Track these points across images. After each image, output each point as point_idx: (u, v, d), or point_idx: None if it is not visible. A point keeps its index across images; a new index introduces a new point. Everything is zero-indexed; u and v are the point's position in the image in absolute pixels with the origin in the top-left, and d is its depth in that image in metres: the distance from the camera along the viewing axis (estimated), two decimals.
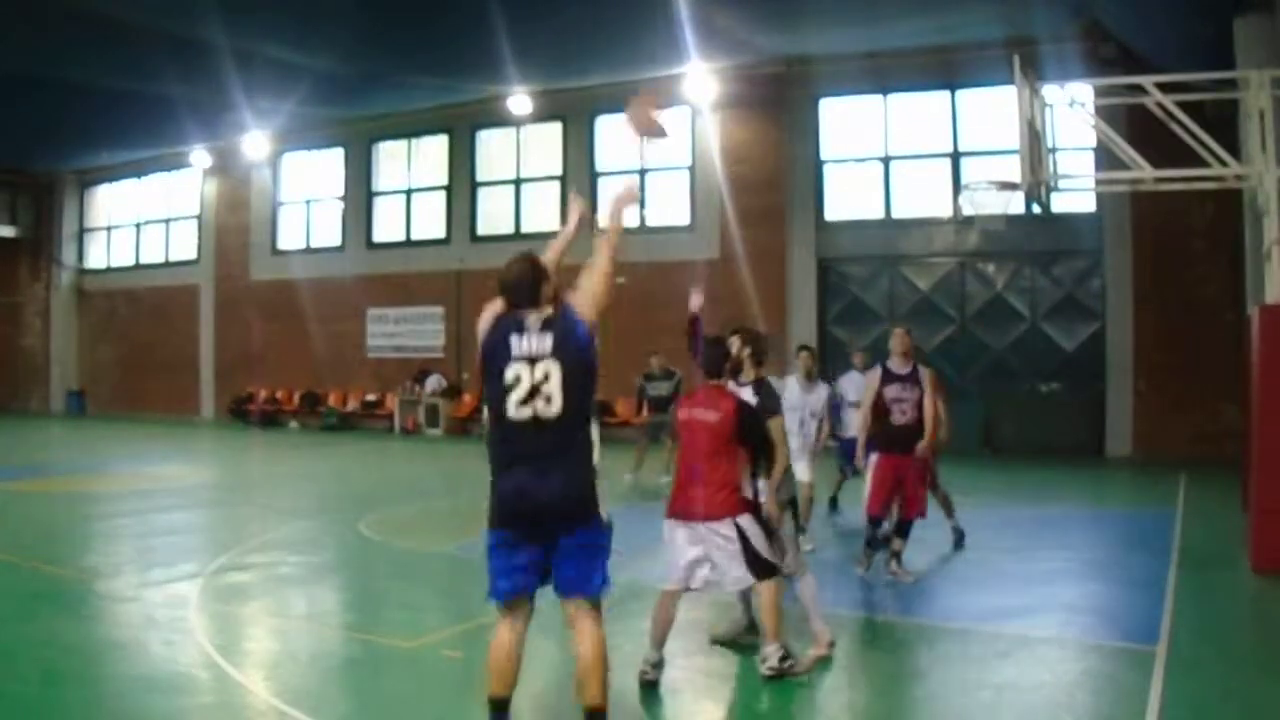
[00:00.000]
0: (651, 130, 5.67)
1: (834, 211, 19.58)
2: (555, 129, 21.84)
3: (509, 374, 4.22)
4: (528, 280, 4.41)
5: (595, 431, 4.31)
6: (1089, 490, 13.81)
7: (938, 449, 8.45)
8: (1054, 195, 11.21)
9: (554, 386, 4.18)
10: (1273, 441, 8.11)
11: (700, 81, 19.32)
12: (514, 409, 4.21)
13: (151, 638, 6.29)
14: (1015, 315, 18.27)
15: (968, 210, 13.38)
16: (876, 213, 19.18)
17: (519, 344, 4.26)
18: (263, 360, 25.11)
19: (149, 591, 7.49)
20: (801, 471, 8.55)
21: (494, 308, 4.46)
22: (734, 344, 5.95)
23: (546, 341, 4.22)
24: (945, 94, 18.48)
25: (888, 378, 7.94)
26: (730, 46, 17.67)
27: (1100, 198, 16.88)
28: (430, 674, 5.78)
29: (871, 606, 7.04)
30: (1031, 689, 5.32)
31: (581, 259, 4.78)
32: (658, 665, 5.40)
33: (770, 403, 5.86)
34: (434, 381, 22.60)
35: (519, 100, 20.90)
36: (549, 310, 4.30)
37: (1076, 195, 16.76)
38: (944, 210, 18.31)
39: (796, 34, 17.50)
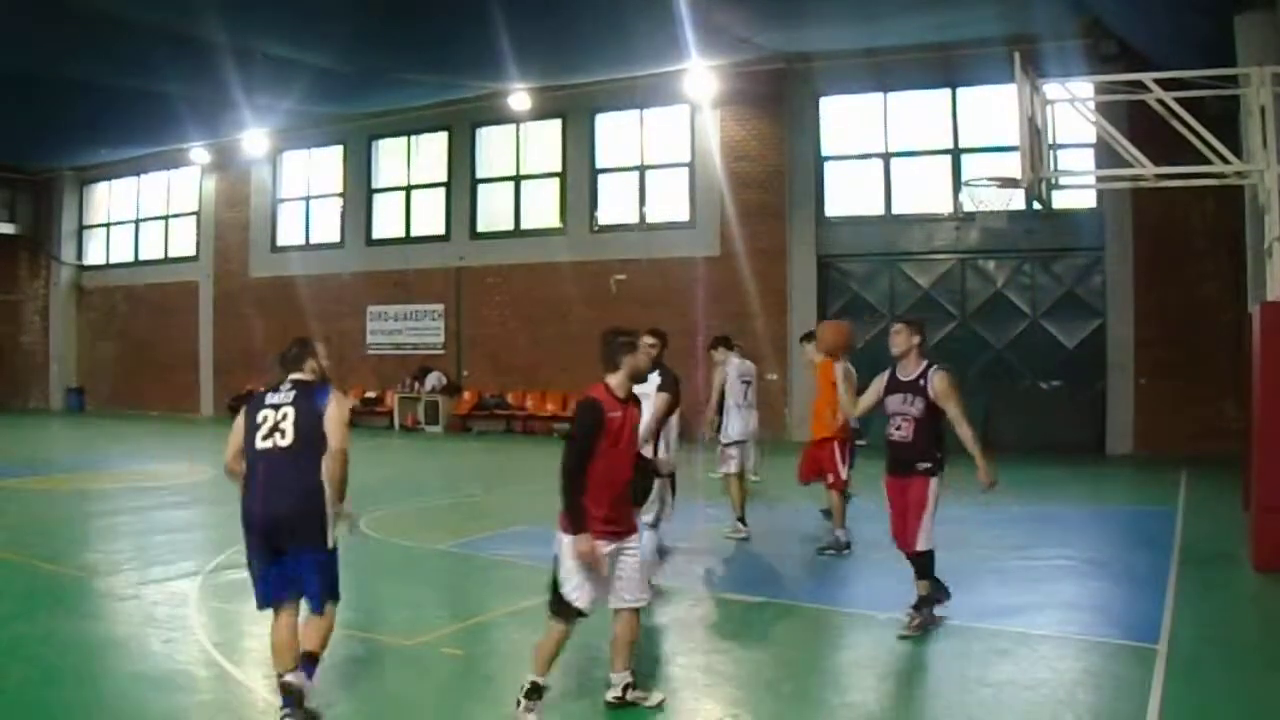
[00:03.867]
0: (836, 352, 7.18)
1: (834, 208, 19.56)
2: (555, 126, 21.82)
3: None
4: None
5: None
6: (1089, 488, 13.80)
7: (847, 437, 8.79)
8: (1055, 192, 11.21)
9: None
10: (1274, 439, 8.09)
11: (700, 79, 19.30)
12: None
13: (151, 635, 6.29)
14: (1016, 312, 18.25)
15: (968, 207, 13.36)
16: (877, 210, 19.16)
17: None
18: (262, 357, 25.03)
19: (148, 589, 7.49)
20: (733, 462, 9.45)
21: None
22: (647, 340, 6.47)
23: None
24: (946, 91, 18.45)
25: (891, 385, 6.76)
26: (730, 44, 17.65)
27: (1101, 195, 16.85)
28: (430, 672, 5.77)
29: (871, 605, 7.03)
30: (1032, 687, 5.31)
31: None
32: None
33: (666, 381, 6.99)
34: (434, 379, 22.59)
35: (519, 97, 20.88)
36: None
37: (1077, 192, 16.74)
38: (944, 207, 18.29)
39: (797, 31, 17.47)
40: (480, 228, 22.76)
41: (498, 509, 11.59)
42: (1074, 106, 10.84)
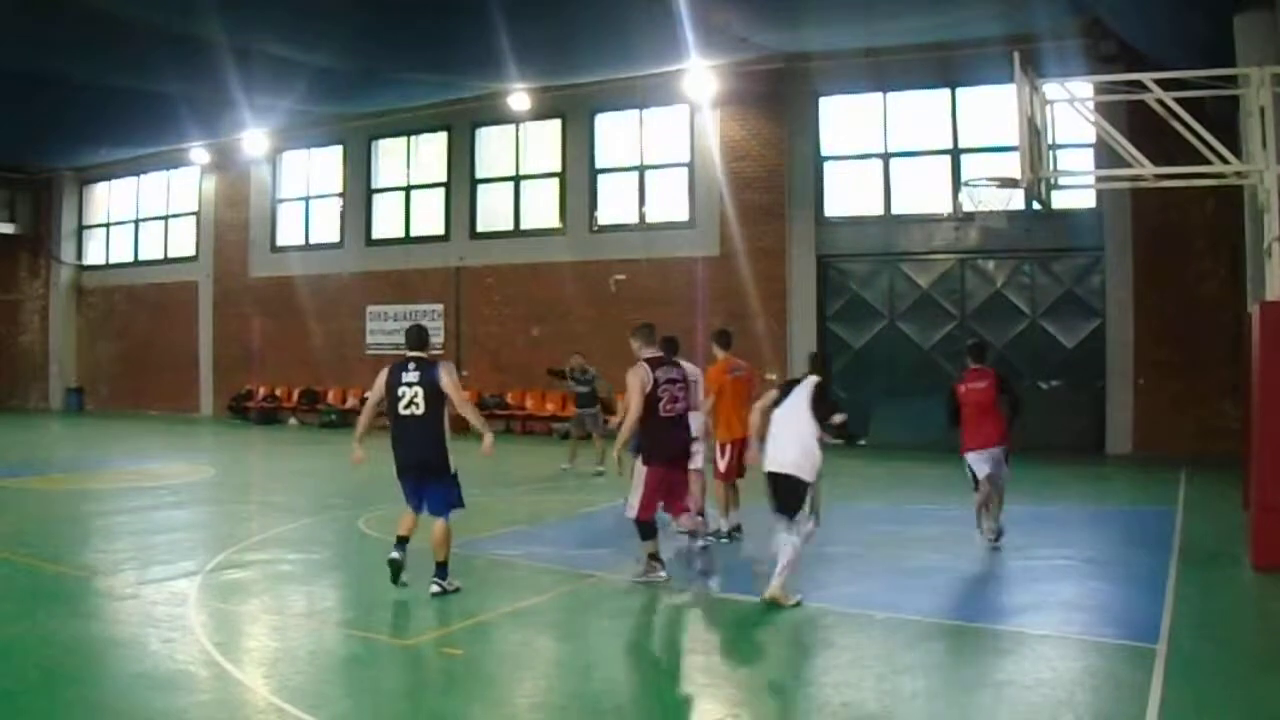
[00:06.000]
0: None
1: (834, 208, 19.56)
2: (555, 126, 21.82)
3: None
4: None
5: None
6: (1089, 487, 13.79)
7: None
8: (1054, 192, 11.20)
9: None
10: (1273, 438, 8.09)
11: (700, 78, 19.30)
12: None
13: (150, 635, 6.28)
14: (1015, 312, 18.25)
15: (968, 207, 13.35)
16: (876, 210, 19.16)
17: None
18: (262, 357, 25.10)
19: (148, 589, 7.48)
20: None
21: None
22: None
23: None
24: (945, 91, 18.45)
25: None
26: (729, 43, 17.65)
27: (1100, 195, 16.85)
28: (429, 671, 5.77)
29: (871, 605, 7.02)
30: (1032, 686, 5.31)
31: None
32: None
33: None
34: None
35: (518, 97, 20.88)
36: None
37: (1077, 192, 16.74)
38: (944, 207, 18.27)
39: (796, 31, 17.47)
40: (480, 228, 22.76)
41: (498, 509, 11.58)
42: (1073, 106, 10.84)
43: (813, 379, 7.33)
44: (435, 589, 7.04)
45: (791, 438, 7.12)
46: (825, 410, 7.16)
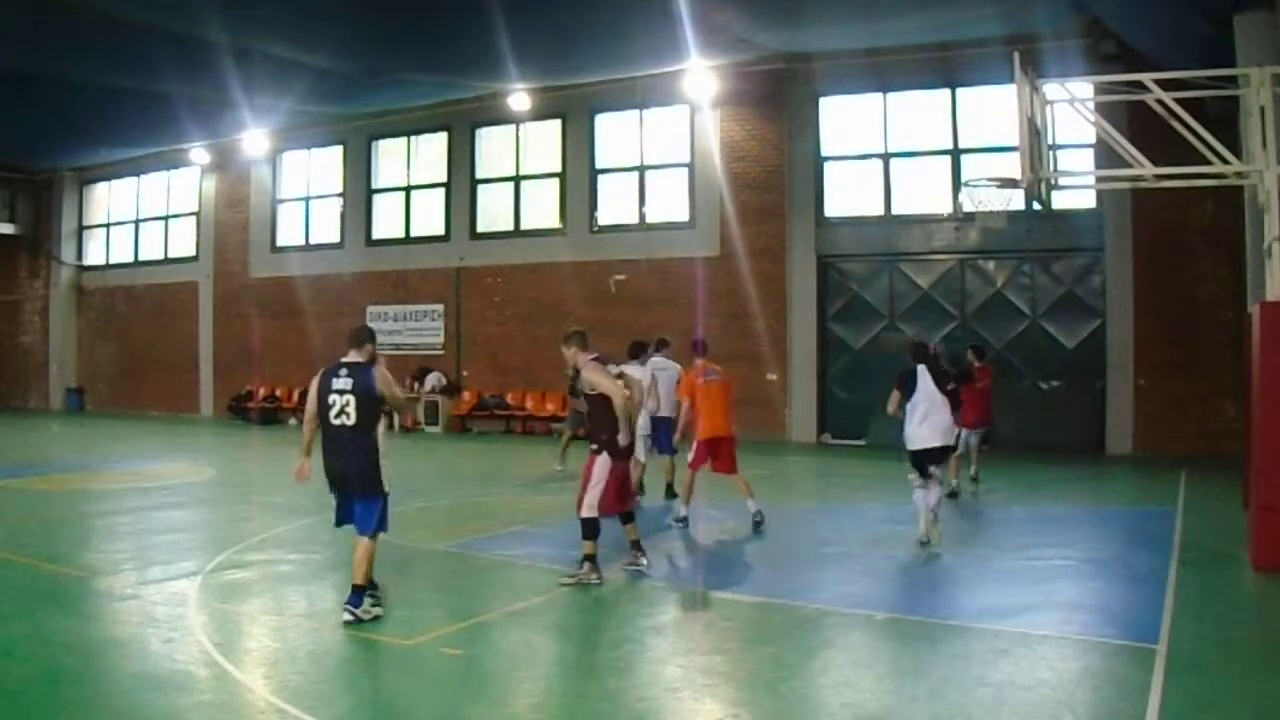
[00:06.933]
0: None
1: (834, 208, 19.56)
2: (555, 126, 21.82)
3: None
4: None
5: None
6: (1089, 488, 13.80)
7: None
8: (1054, 192, 11.19)
9: None
10: (1273, 438, 8.09)
11: (700, 79, 19.30)
12: None
13: (151, 636, 6.28)
14: (1015, 312, 18.24)
15: (968, 207, 13.33)
16: (877, 210, 19.16)
17: None
18: (262, 358, 25.08)
19: (148, 589, 7.48)
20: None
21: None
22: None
23: None
24: (945, 91, 18.44)
25: None
26: (730, 44, 17.65)
27: (1100, 195, 16.85)
28: (429, 672, 5.77)
29: (872, 604, 7.03)
30: (1032, 687, 5.31)
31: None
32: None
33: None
34: (433, 379, 22.59)
35: (518, 98, 20.87)
36: None
37: (1077, 192, 16.73)
38: (944, 207, 18.27)
39: (796, 31, 17.47)
40: (480, 228, 22.76)
41: (498, 509, 11.59)
42: (1074, 107, 10.83)
43: (922, 367, 9.09)
44: (347, 616, 6.44)
45: (938, 419, 8.93)
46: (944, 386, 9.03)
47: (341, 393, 6.64)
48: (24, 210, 29.46)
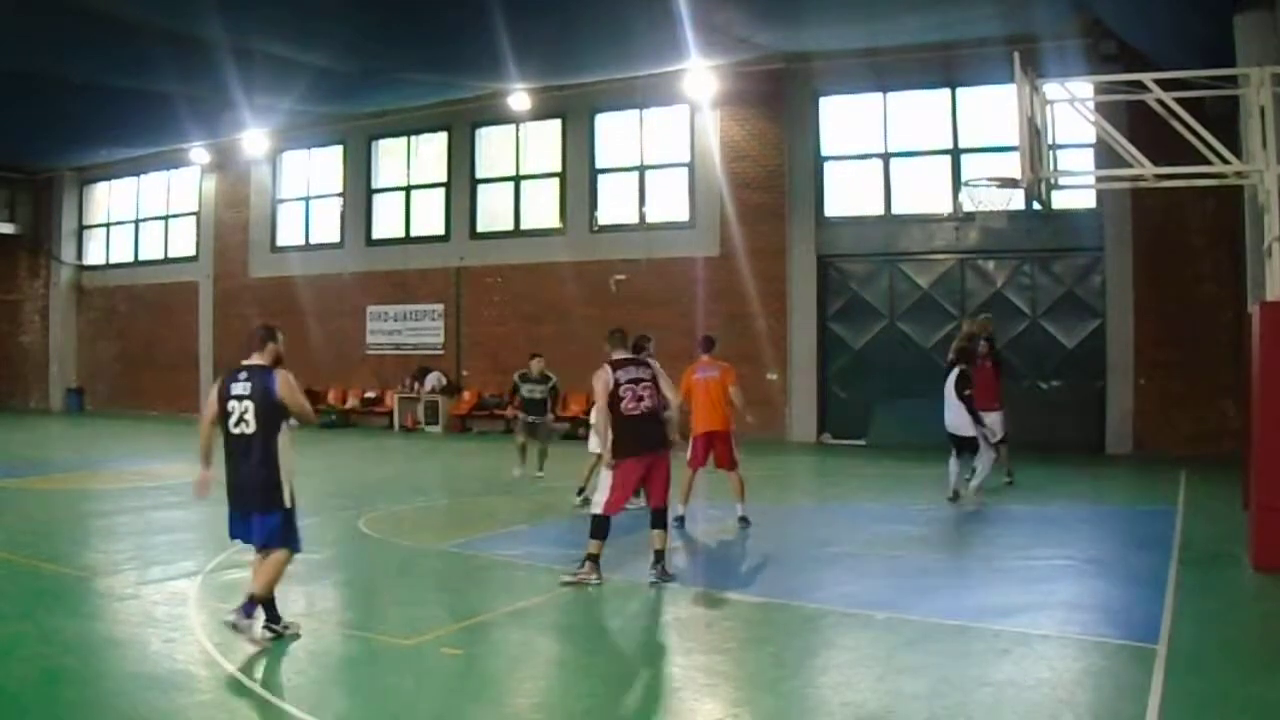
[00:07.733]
0: None
1: (834, 208, 19.55)
2: (555, 126, 21.81)
3: None
4: None
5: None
6: (1089, 487, 13.78)
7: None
8: (1054, 192, 11.19)
9: None
10: (1273, 438, 8.09)
11: (700, 78, 19.29)
12: None
13: (151, 635, 6.29)
14: (1015, 312, 18.22)
15: (968, 207, 13.35)
16: (877, 209, 19.14)
17: None
18: None
19: (148, 589, 7.49)
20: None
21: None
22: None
23: None
24: (945, 91, 18.43)
25: None
26: (730, 43, 17.64)
27: (1101, 195, 16.84)
28: (429, 672, 5.77)
29: (872, 604, 7.02)
30: (1032, 686, 5.31)
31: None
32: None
33: None
34: (433, 379, 22.59)
35: (519, 97, 20.86)
36: None
37: (1077, 192, 16.71)
38: (944, 207, 18.26)
39: (796, 31, 17.47)
40: (480, 228, 22.75)
41: (498, 509, 11.59)
42: (1074, 106, 10.83)
43: (958, 370, 11.04)
44: (230, 618, 5.92)
45: (949, 414, 11.08)
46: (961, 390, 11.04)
47: (240, 398, 6.16)
48: (24, 210, 29.44)
